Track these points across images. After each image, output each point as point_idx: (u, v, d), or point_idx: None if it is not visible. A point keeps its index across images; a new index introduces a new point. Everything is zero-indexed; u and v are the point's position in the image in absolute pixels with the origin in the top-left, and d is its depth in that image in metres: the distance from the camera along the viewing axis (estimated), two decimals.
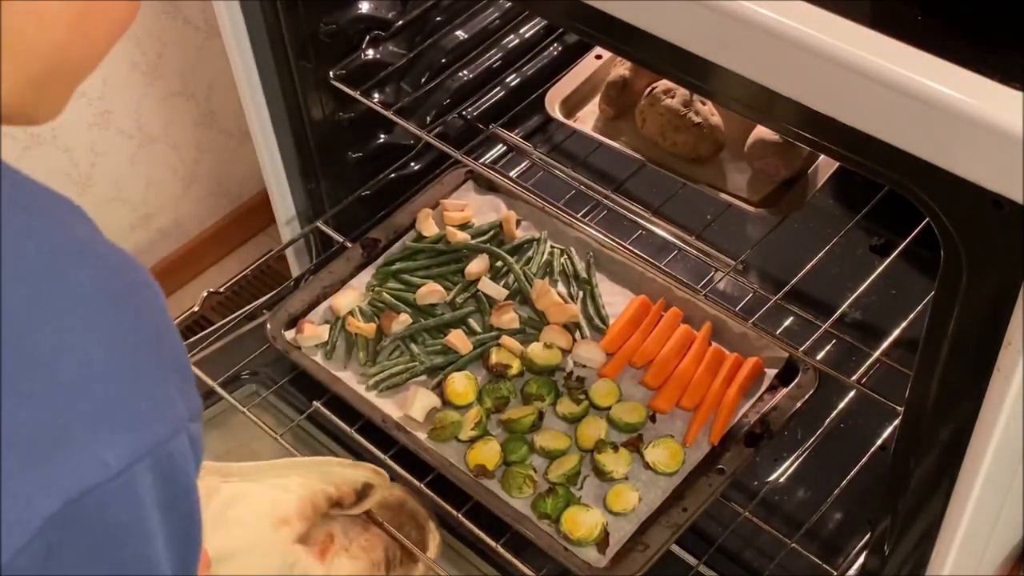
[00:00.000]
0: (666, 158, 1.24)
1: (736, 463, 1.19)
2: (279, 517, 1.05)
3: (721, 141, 1.23)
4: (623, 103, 1.28)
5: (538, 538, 1.15)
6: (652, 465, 1.19)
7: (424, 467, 1.22)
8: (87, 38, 0.58)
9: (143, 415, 0.51)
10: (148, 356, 0.53)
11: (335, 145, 1.42)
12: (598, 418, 1.24)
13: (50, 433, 0.48)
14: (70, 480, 0.48)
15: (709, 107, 1.23)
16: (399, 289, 1.37)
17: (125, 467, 0.49)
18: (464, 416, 1.24)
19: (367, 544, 1.15)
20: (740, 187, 1.21)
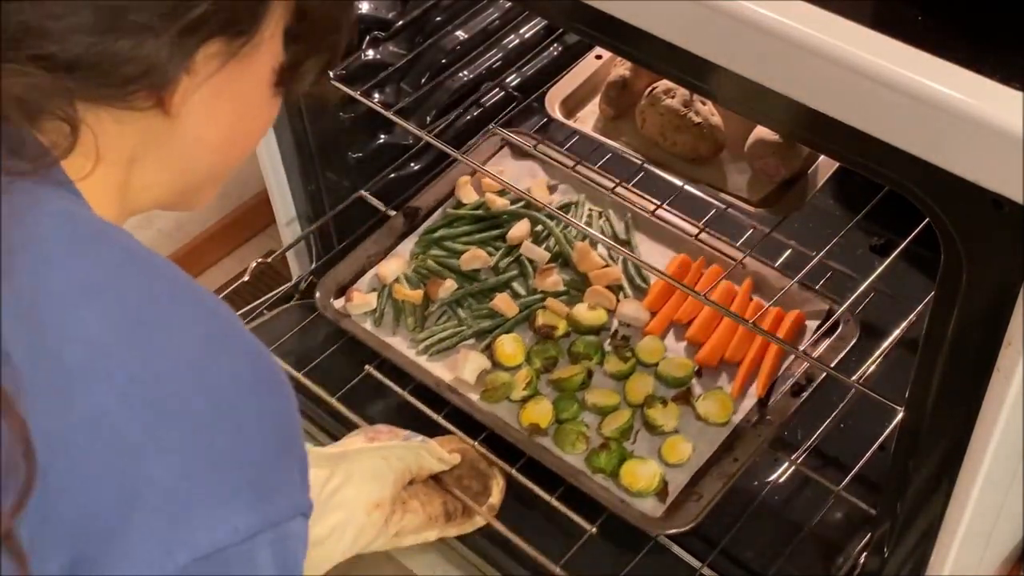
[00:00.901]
0: (666, 158, 1.24)
1: (783, 413, 1.22)
2: (374, 502, 1.10)
3: (721, 141, 1.23)
4: (623, 103, 1.28)
5: (595, 491, 1.19)
6: (703, 417, 1.23)
7: (476, 428, 1.24)
8: (238, 148, 0.69)
9: (272, 490, 0.56)
10: (283, 440, 0.58)
11: (335, 145, 1.42)
12: (646, 374, 1.28)
13: (198, 492, 0.54)
14: (204, 538, 0.54)
15: (709, 107, 1.23)
16: (443, 256, 1.41)
17: (250, 535, 0.55)
18: (514, 377, 1.28)
19: (425, 499, 1.17)
20: (740, 187, 1.22)
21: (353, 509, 1.08)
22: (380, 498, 1.11)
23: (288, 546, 0.57)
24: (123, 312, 0.55)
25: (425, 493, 1.18)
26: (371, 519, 1.10)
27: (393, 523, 1.13)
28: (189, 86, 0.61)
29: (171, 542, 0.53)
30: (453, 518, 1.20)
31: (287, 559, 0.57)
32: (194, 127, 0.63)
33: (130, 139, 0.62)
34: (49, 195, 0.57)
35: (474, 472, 1.22)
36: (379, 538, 1.13)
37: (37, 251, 0.55)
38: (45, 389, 0.52)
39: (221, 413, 0.56)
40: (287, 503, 0.57)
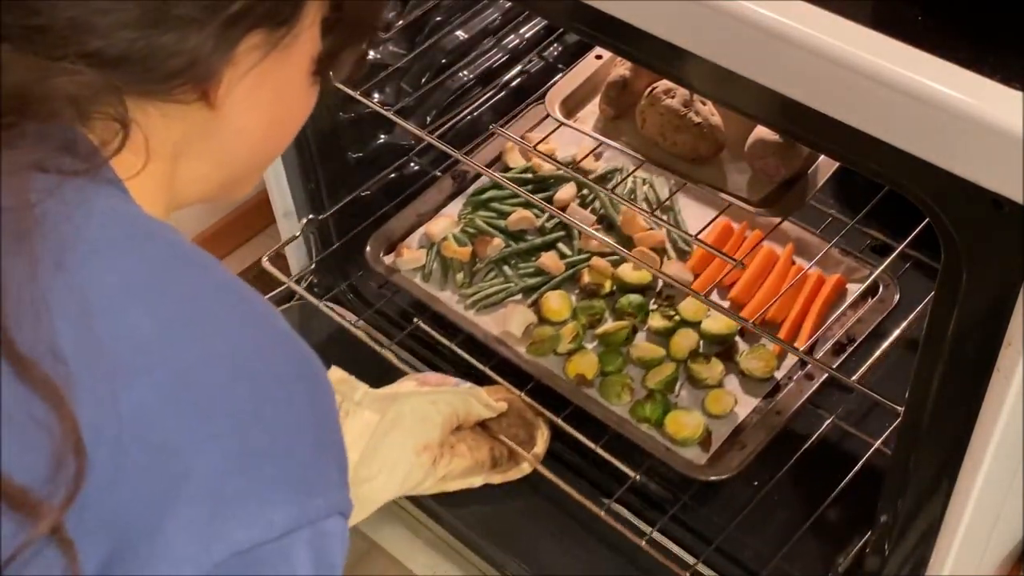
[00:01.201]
0: (666, 158, 1.24)
1: (824, 371, 1.23)
2: (423, 444, 1.13)
3: (721, 141, 1.23)
4: (623, 103, 1.28)
5: (640, 439, 1.22)
6: (746, 372, 1.26)
7: (523, 379, 1.27)
8: (279, 137, 0.70)
9: (311, 488, 0.56)
10: (322, 438, 0.58)
11: (335, 145, 1.42)
12: (690, 331, 1.31)
13: (236, 488, 0.54)
14: (243, 533, 0.54)
15: (709, 107, 1.23)
16: (491, 216, 1.44)
17: (287, 531, 0.55)
18: (561, 331, 1.31)
19: (473, 444, 1.20)
20: (740, 187, 1.22)
21: (402, 450, 1.11)
22: (428, 441, 1.14)
23: (326, 544, 0.57)
24: (167, 309, 0.56)
25: (473, 439, 1.21)
26: (419, 460, 1.13)
27: (441, 466, 1.16)
28: (232, 78, 0.61)
29: (209, 537, 0.53)
30: (499, 464, 1.22)
31: (324, 558, 0.57)
32: (237, 119, 0.64)
33: (175, 133, 0.63)
34: (99, 193, 0.58)
35: (520, 421, 1.25)
36: (427, 479, 1.16)
37: (86, 249, 0.55)
38: (91, 384, 0.52)
39: (261, 410, 0.56)
40: (325, 501, 0.57)
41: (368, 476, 1.08)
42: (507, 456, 1.23)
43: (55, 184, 0.56)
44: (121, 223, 0.58)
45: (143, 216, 0.61)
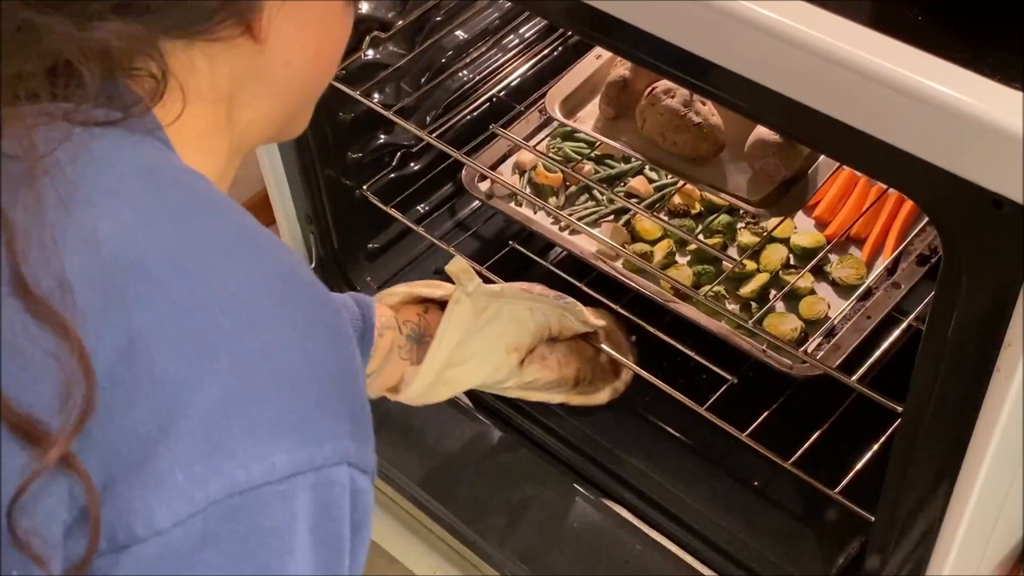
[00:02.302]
0: (666, 158, 1.24)
1: (910, 280, 1.27)
2: (514, 344, 1.16)
3: (721, 141, 1.23)
4: (623, 103, 1.28)
5: (738, 343, 1.24)
6: (837, 280, 1.30)
7: (619, 293, 1.31)
8: (325, 65, 0.71)
9: (316, 434, 0.55)
10: (334, 386, 0.57)
11: (335, 145, 1.42)
12: (779, 245, 1.35)
13: (236, 426, 0.53)
14: (241, 473, 0.52)
15: (709, 107, 1.23)
16: (578, 146, 1.46)
17: (289, 474, 0.54)
18: (654, 248, 1.36)
19: (563, 360, 1.22)
20: (740, 187, 1.22)
21: (494, 345, 1.14)
22: (518, 343, 1.16)
23: (332, 493, 0.56)
24: (179, 242, 0.56)
25: (564, 355, 1.23)
26: (508, 358, 1.16)
27: (529, 372, 1.19)
28: (272, 7, 0.62)
29: (206, 474, 0.52)
30: (581, 385, 1.25)
31: (328, 506, 0.56)
32: (282, 51, 0.65)
33: (224, 75, 0.64)
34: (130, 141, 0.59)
35: (615, 348, 1.27)
36: (510, 379, 1.18)
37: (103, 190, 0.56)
38: (97, 310, 0.53)
39: (270, 354, 0.55)
40: (332, 448, 0.55)
41: (460, 360, 1.11)
42: (589, 380, 1.26)
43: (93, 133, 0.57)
44: (147, 170, 0.59)
45: (175, 165, 0.61)
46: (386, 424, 1.33)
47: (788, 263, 1.34)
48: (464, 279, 1.11)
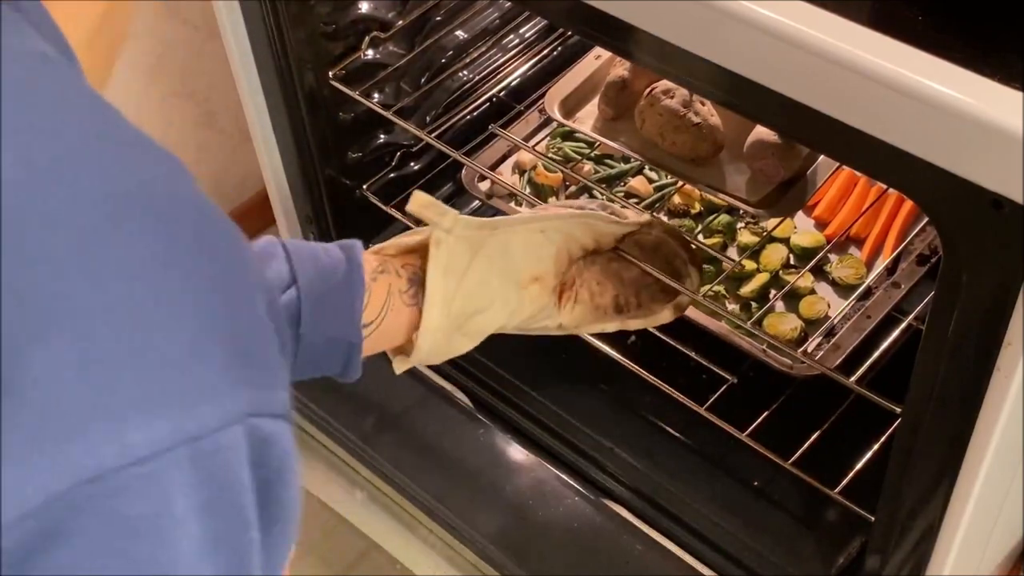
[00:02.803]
0: (665, 159, 1.24)
1: (910, 279, 1.28)
2: (530, 276, 1.02)
3: (720, 141, 1.23)
4: (622, 104, 1.28)
5: (737, 343, 1.24)
6: (837, 280, 1.31)
7: None
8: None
9: (186, 397, 0.45)
10: (210, 329, 0.46)
11: (335, 144, 1.42)
12: (779, 245, 1.35)
13: (76, 403, 0.43)
14: (87, 459, 0.42)
15: (708, 107, 1.23)
16: (578, 146, 1.47)
17: (153, 453, 0.43)
18: None
19: (597, 288, 1.08)
20: (739, 187, 1.22)
21: (507, 281, 1.01)
22: (538, 271, 1.03)
23: (220, 462, 0.45)
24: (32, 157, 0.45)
25: (599, 282, 1.08)
26: (528, 293, 1.03)
27: (565, 311, 1.06)
28: None
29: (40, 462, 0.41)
30: (627, 310, 1.11)
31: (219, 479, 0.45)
32: None
33: None
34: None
35: (668, 267, 1.13)
36: (543, 316, 1.05)
37: None
38: None
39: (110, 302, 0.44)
40: (212, 410, 0.45)
41: (478, 307, 0.99)
42: (635, 306, 1.11)
43: None
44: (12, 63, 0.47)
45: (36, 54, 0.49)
46: (386, 424, 1.33)
47: (788, 263, 1.35)
48: (433, 215, 0.97)
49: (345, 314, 0.91)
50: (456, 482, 1.28)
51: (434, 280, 0.96)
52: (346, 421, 1.31)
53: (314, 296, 0.88)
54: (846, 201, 1.40)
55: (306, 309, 0.88)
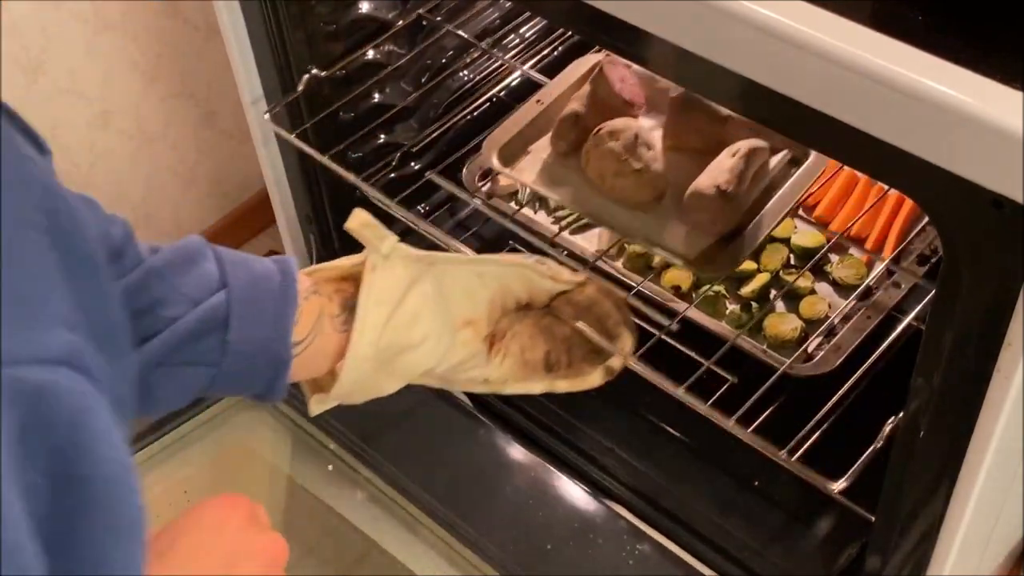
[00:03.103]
0: (604, 208, 1.21)
1: (911, 279, 1.28)
2: (464, 319, 0.99)
3: (662, 188, 1.20)
4: (575, 140, 1.25)
5: (738, 343, 1.22)
6: (837, 280, 1.32)
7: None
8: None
9: None
10: None
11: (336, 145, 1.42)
12: (780, 245, 1.35)
13: None
14: None
15: (654, 152, 1.20)
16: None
17: None
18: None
19: (529, 343, 1.05)
20: (678, 239, 1.19)
21: (443, 322, 0.98)
22: (472, 315, 1.00)
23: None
24: None
25: (530, 336, 1.05)
26: (460, 336, 0.99)
27: (494, 363, 1.03)
28: None
29: None
30: (556, 369, 1.07)
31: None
32: None
33: None
34: None
35: (600, 326, 1.08)
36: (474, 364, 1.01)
37: None
38: None
39: None
40: None
41: (409, 345, 0.95)
42: (565, 365, 1.07)
43: None
44: None
45: None
46: (387, 424, 1.33)
47: (788, 263, 1.34)
48: (371, 237, 0.93)
49: (277, 325, 0.85)
50: (456, 482, 1.28)
51: (366, 307, 0.92)
52: (346, 421, 1.31)
53: (245, 301, 0.83)
54: (846, 201, 1.40)
55: (235, 314, 0.82)
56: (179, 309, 0.81)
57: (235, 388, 0.86)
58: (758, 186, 1.21)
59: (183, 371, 0.81)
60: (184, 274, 0.82)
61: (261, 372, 0.85)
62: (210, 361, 0.82)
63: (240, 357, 0.83)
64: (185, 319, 0.80)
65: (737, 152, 1.20)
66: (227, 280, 0.83)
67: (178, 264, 0.82)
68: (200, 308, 0.81)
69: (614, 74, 1.26)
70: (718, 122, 1.23)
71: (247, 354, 0.83)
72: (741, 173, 1.17)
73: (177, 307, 0.81)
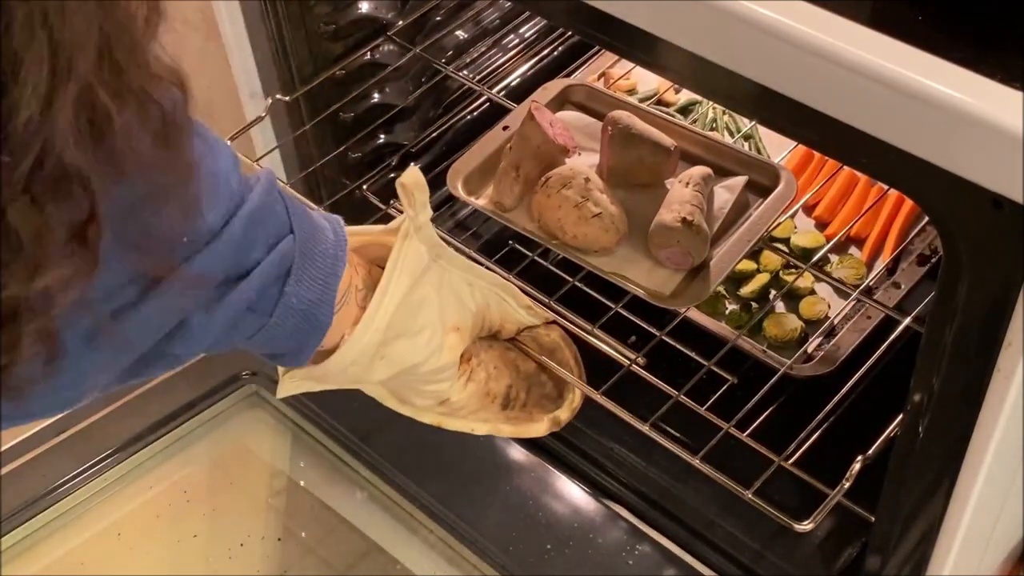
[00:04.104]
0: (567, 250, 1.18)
1: (911, 279, 1.29)
2: (453, 324, 0.97)
3: (624, 229, 1.17)
4: (520, 194, 1.22)
5: (738, 343, 1.23)
6: (837, 280, 1.31)
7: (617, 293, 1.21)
8: None
9: None
10: None
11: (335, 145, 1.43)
12: (779, 245, 1.35)
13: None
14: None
15: (607, 195, 1.16)
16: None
17: None
18: None
19: (494, 372, 1.05)
20: (649, 274, 1.16)
21: (439, 317, 0.95)
22: (461, 323, 0.99)
23: None
24: None
25: (496, 367, 1.05)
26: (448, 340, 0.97)
27: (458, 385, 1.01)
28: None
29: None
30: (510, 408, 1.06)
31: None
32: None
33: None
34: None
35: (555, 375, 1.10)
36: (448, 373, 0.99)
37: None
38: None
39: None
40: None
41: (410, 331, 0.93)
42: (521, 403, 1.07)
43: None
44: None
45: None
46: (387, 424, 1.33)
47: (788, 263, 1.35)
48: (418, 201, 0.90)
49: (325, 286, 0.83)
50: (456, 482, 1.28)
51: (391, 273, 0.89)
52: (346, 421, 1.31)
53: (306, 254, 0.81)
54: (846, 201, 1.40)
55: (296, 266, 0.80)
56: (260, 253, 0.78)
57: (272, 344, 0.83)
58: (720, 214, 1.19)
59: (247, 316, 0.79)
60: (269, 214, 0.79)
61: (300, 332, 0.83)
62: (265, 311, 0.80)
63: (290, 312, 0.81)
64: (264, 265, 0.78)
65: (690, 181, 1.18)
66: (293, 226, 0.80)
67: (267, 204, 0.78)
68: (275, 253, 0.79)
69: (544, 120, 1.20)
70: (662, 153, 1.20)
71: (296, 311, 0.81)
72: (701, 202, 1.16)
73: (259, 250, 0.78)
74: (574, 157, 1.23)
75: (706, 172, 1.20)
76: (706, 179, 1.19)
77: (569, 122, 1.30)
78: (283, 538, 1.31)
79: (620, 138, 1.20)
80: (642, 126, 1.22)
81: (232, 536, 1.29)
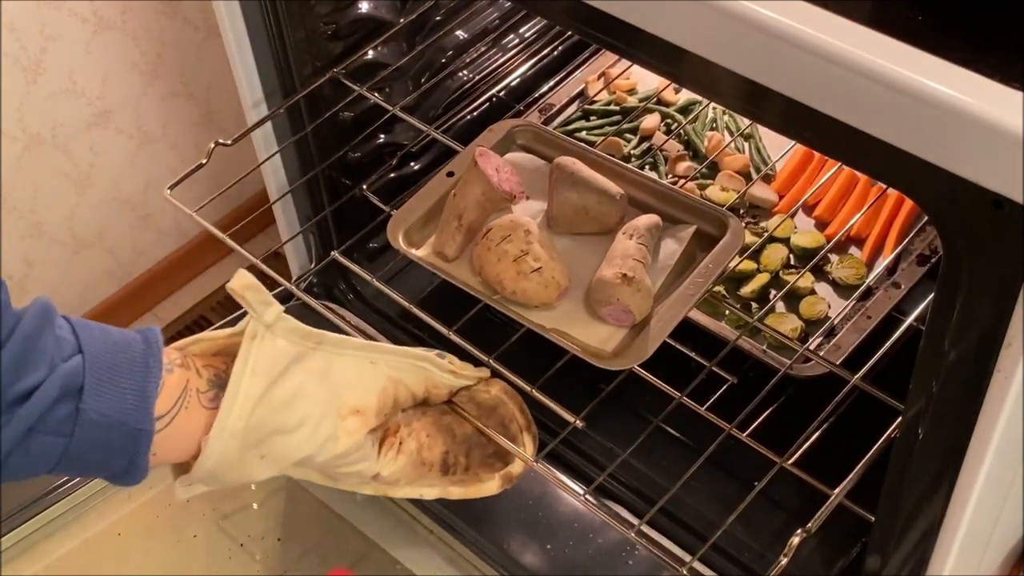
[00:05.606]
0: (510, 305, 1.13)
1: (910, 279, 1.29)
2: (352, 406, 0.93)
3: (565, 283, 1.12)
4: (462, 243, 1.18)
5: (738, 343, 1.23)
6: (837, 281, 1.33)
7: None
8: None
9: None
10: None
11: (335, 145, 1.43)
12: (779, 245, 1.37)
13: None
14: None
15: (548, 246, 1.12)
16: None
17: None
18: None
19: (427, 441, 1.02)
20: (589, 331, 1.11)
21: (326, 407, 0.92)
22: (361, 404, 0.94)
23: None
24: None
25: (428, 435, 1.02)
26: (346, 426, 0.93)
27: (386, 460, 0.99)
28: None
29: None
30: (452, 473, 1.04)
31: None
32: None
33: None
34: None
35: (501, 428, 1.07)
36: (361, 459, 0.96)
37: None
38: None
39: None
40: None
41: (285, 427, 0.89)
42: (463, 467, 1.05)
43: None
44: None
45: None
46: None
47: (788, 263, 1.35)
48: (254, 302, 0.88)
49: (136, 395, 0.80)
50: None
51: (240, 375, 0.87)
52: None
53: (102, 367, 0.79)
54: (846, 201, 1.40)
55: (91, 379, 0.78)
56: (42, 374, 0.77)
57: (91, 464, 0.81)
58: (667, 265, 1.15)
59: (40, 439, 0.77)
60: (46, 336, 0.78)
61: (119, 446, 0.81)
62: (63, 431, 0.78)
63: (94, 428, 0.78)
64: (46, 384, 0.77)
65: (634, 233, 1.13)
66: (81, 346, 0.79)
67: (42, 327, 0.78)
68: (57, 373, 0.77)
69: (489, 166, 1.15)
70: (608, 201, 1.17)
71: (102, 425, 0.79)
72: (645, 256, 1.11)
73: (40, 371, 0.77)
74: (521, 203, 1.18)
75: (653, 222, 1.16)
76: (651, 230, 1.15)
77: (520, 164, 1.25)
78: (283, 538, 1.31)
79: (565, 186, 1.17)
80: (588, 173, 1.17)
81: (232, 536, 1.29)
